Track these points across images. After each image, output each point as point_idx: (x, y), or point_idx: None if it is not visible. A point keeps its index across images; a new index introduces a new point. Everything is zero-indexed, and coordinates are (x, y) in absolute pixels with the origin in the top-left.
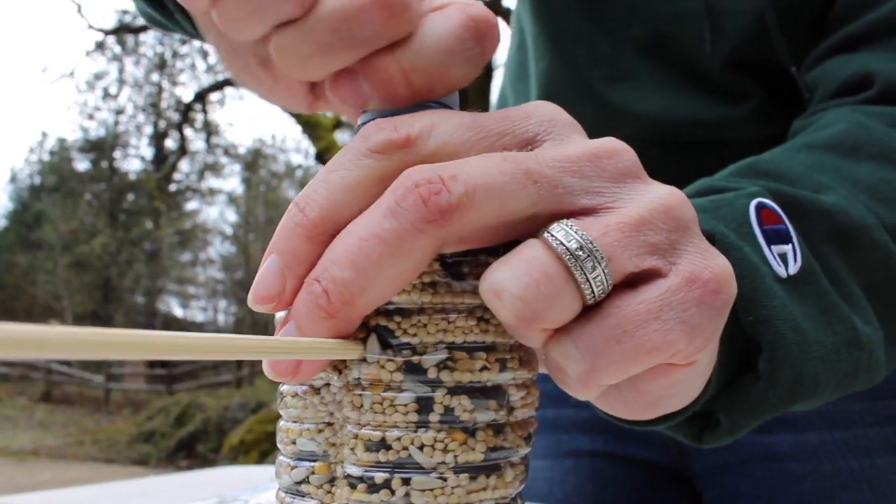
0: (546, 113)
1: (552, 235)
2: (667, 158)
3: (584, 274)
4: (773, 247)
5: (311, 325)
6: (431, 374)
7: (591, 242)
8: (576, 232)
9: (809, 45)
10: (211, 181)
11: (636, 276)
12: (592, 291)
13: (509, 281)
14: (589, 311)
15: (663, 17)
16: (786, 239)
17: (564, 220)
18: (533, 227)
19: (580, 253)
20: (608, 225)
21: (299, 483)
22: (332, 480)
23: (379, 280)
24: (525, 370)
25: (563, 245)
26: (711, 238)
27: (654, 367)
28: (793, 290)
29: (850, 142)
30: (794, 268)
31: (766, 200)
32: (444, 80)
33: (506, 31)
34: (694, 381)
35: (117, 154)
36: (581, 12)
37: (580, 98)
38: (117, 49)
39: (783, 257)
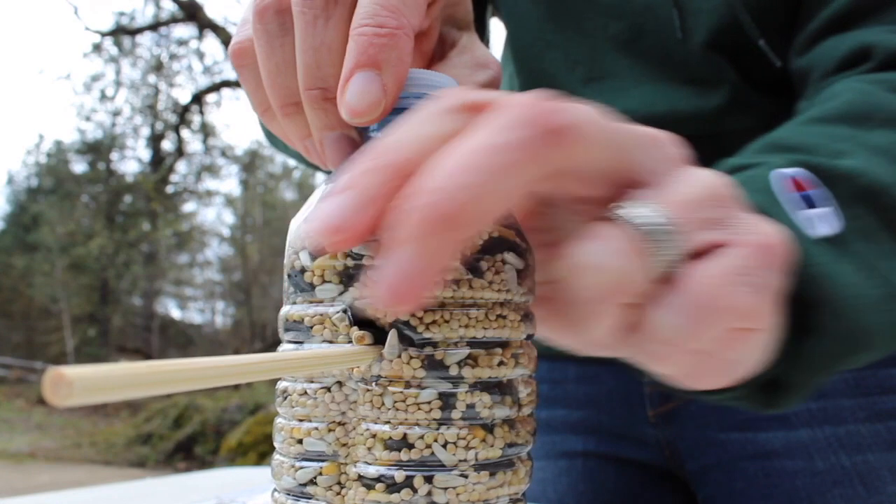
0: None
1: (627, 211)
2: None
3: (661, 246)
4: (804, 212)
5: (433, 241)
6: (453, 371)
7: (664, 216)
8: (649, 207)
9: (776, 18)
10: (208, 183)
11: (698, 252)
12: (667, 264)
13: (595, 255)
14: (666, 282)
15: (636, 10)
16: (817, 203)
17: (634, 199)
18: (602, 191)
19: (656, 227)
20: (671, 202)
21: (304, 485)
22: (340, 482)
23: (491, 191)
24: (532, 366)
25: (640, 218)
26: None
27: (732, 332)
28: (832, 249)
29: (858, 111)
30: (829, 229)
31: (791, 170)
32: None
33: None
34: (765, 343)
35: (114, 156)
36: (555, 20)
37: None
38: (114, 51)
39: (816, 220)
